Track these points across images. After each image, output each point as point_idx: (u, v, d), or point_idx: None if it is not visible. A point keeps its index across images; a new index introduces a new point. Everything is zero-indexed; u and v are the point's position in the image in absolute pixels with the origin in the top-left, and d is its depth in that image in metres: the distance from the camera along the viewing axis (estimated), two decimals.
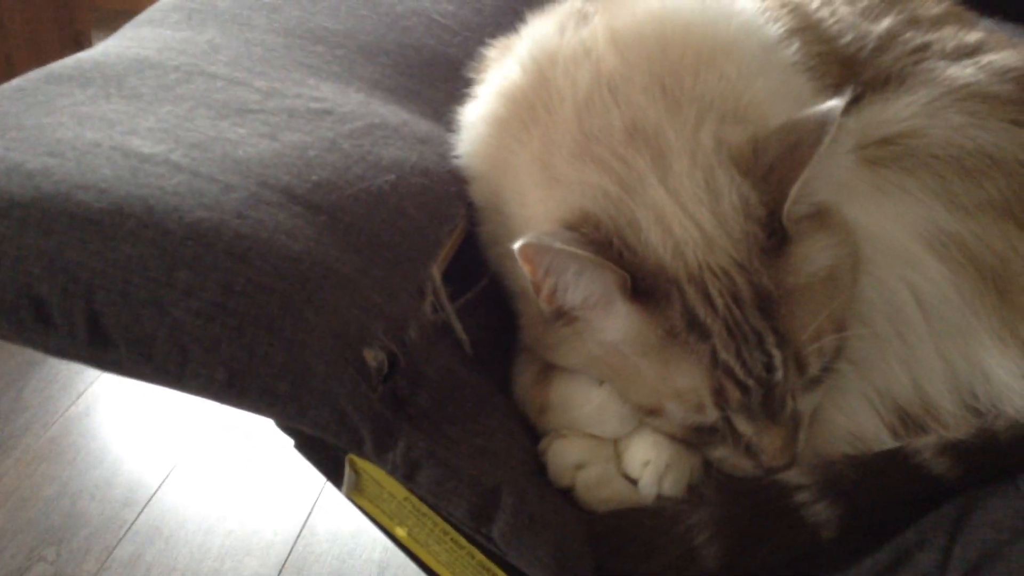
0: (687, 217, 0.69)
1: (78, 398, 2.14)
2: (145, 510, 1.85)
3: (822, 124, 0.67)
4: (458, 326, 0.75)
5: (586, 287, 0.69)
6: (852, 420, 0.77)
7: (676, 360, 0.69)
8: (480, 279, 0.83)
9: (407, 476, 0.66)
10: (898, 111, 0.82)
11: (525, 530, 0.68)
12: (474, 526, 0.67)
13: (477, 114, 0.84)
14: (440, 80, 0.91)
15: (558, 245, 0.66)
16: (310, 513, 1.86)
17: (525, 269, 0.69)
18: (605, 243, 0.68)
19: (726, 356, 0.68)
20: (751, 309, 0.68)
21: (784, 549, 0.70)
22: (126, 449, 2.03)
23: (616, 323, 0.70)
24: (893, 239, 0.78)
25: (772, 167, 0.70)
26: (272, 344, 0.62)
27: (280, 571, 1.72)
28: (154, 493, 1.89)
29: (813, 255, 0.70)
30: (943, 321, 0.77)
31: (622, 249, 0.69)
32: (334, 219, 0.70)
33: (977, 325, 0.77)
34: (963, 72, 0.84)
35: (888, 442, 0.76)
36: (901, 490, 0.73)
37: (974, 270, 0.77)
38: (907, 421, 0.77)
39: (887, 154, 0.80)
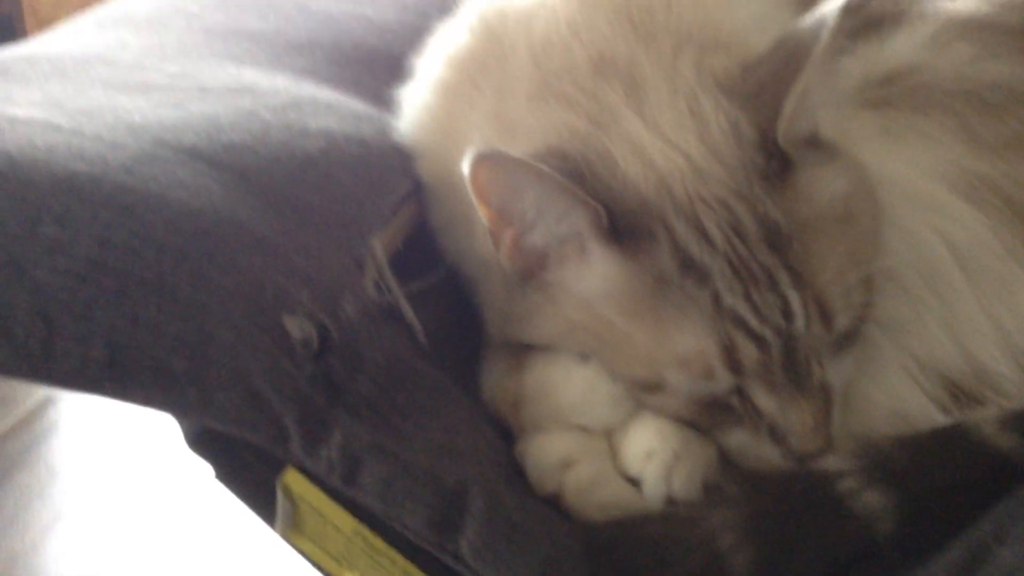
0: (670, 147, 0.58)
1: None
2: None
3: (818, 26, 0.57)
4: (408, 310, 0.62)
5: (553, 225, 0.57)
6: (891, 396, 0.64)
7: (672, 314, 0.56)
8: (436, 271, 0.71)
9: (347, 478, 0.52)
10: (897, 47, 0.71)
11: (503, 540, 0.53)
12: (437, 540, 0.53)
13: (420, 83, 0.73)
14: (382, 71, 0.80)
15: (516, 156, 0.54)
16: None
17: (481, 212, 0.57)
18: (575, 175, 0.56)
19: (732, 300, 0.55)
20: (757, 243, 0.56)
21: (832, 548, 0.56)
22: None
23: (593, 272, 0.57)
24: (913, 183, 0.66)
25: (763, 85, 0.59)
26: (163, 308, 0.49)
27: None
28: None
29: (823, 182, 0.59)
30: (984, 272, 0.65)
31: (595, 185, 0.57)
32: (246, 179, 0.58)
33: (1022, 274, 0.65)
34: (965, 5, 0.74)
35: (938, 419, 0.63)
36: (964, 472, 0.59)
37: (1011, 212, 0.65)
38: (957, 393, 0.64)
39: (892, 93, 0.69)
